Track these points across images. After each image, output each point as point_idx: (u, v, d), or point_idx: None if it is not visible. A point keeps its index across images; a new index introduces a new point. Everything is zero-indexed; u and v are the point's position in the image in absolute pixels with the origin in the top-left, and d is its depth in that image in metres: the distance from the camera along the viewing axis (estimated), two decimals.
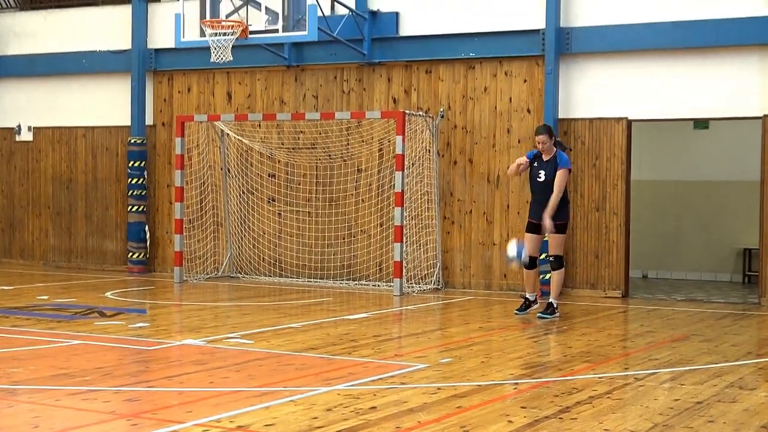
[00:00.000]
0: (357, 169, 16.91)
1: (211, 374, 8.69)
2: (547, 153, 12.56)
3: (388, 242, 16.28)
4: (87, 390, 7.86)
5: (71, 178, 19.69)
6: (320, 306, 13.94)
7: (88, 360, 9.30)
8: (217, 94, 18.21)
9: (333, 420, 6.88)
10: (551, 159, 12.51)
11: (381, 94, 16.90)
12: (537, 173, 12.57)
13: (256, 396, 7.69)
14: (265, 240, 17.54)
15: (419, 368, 9.00)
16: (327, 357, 9.58)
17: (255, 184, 17.65)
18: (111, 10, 19.32)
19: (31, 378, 8.33)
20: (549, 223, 12.31)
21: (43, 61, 19.81)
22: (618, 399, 7.78)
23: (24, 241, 20.25)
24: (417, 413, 7.14)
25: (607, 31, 15.38)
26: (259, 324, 11.82)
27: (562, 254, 12.73)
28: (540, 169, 12.54)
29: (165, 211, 18.54)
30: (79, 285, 16.19)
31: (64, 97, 19.77)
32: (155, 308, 13.57)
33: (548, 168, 12.46)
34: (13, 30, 20.26)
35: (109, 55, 19.15)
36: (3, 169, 20.43)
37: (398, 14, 16.73)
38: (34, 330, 11.09)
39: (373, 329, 11.67)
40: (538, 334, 11.70)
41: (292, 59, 17.33)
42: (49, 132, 19.95)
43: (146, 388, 8.14)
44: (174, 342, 10.46)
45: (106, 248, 19.30)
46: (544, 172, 12.48)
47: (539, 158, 12.61)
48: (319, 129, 17.01)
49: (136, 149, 18.56)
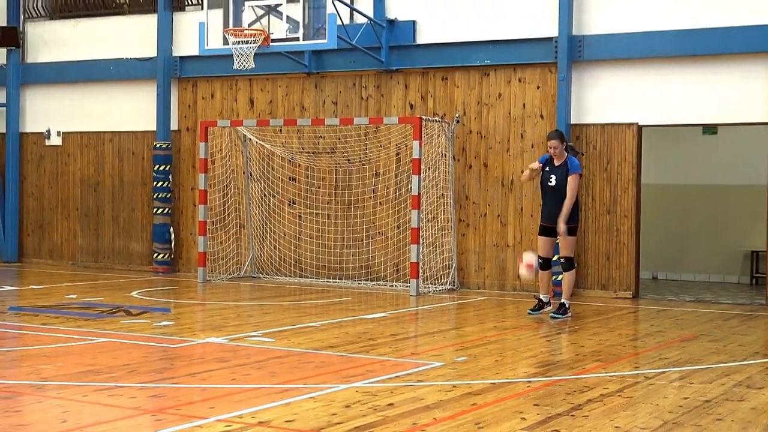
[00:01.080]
0: (375, 173, 16.90)
1: (234, 371, 8.69)
2: (558, 158, 12.52)
3: (405, 244, 16.26)
4: (113, 386, 7.87)
5: (99, 182, 19.74)
6: (339, 305, 13.93)
7: (114, 357, 9.31)
8: (239, 100, 18.23)
9: (351, 416, 6.87)
10: (562, 164, 12.47)
11: (398, 100, 16.89)
12: (548, 178, 12.52)
13: (277, 393, 7.69)
14: (286, 241, 17.55)
15: (435, 366, 8.98)
16: (345, 355, 9.57)
17: (276, 188, 17.66)
18: (137, 19, 19.37)
19: (59, 374, 8.35)
20: (563, 227, 12.27)
21: (72, 69, 19.88)
22: (629, 397, 7.75)
23: (53, 242, 20.32)
24: (433, 410, 7.13)
25: (618, 39, 15.33)
26: (280, 323, 11.83)
27: (573, 256, 12.68)
28: (551, 173, 12.50)
29: (189, 214, 18.58)
30: (106, 285, 16.23)
31: (91, 103, 19.83)
32: (179, 307, 13.57)
33: (559, 173, 12.42)
34: (42, 38, 20.34)
35: (135, 62, 19.20)
36: (33, 172, 20.50)
37: (415, 23, 16.72)
38: (63, 328, 11.12)
39: (391, 328, 11.64)
40: (550, 333, 11.66)
41: (312, 66, 17.34)
42: (77, 137, 20.01)
43: (170, 384, 8.15)
44: (197, 340, 10.47)
45: (132, 249, 19.34)
46: (555, 177, 12.43)
47: (551, 163, 12.57)
48: (338, 134, 17.01)
49: (161, 153, 18.59)
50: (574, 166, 12.47)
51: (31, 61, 20.42)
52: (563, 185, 12.36)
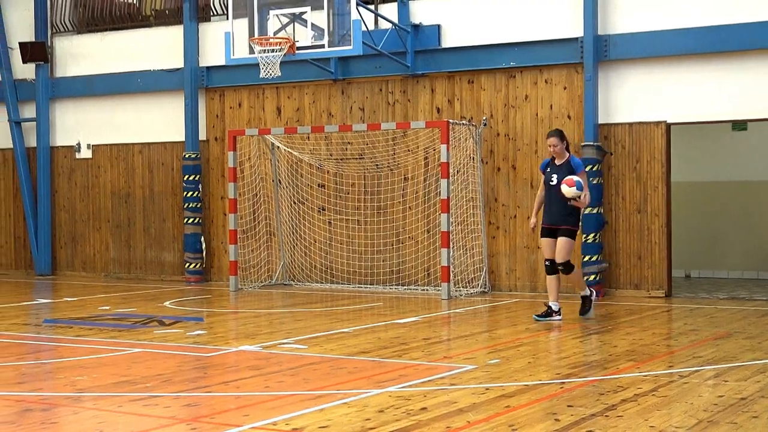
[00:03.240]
0: (404, 178, 16.92)
1: (267, 379, 8.72)
2: (559, 157, 12.32)
3: (435, 248, 16.26)
4: (148, 396, 7.92)
5: (129, 193, 19.87)
6: (371, 311, 13.94)
7: (148, 367, 9.37)
8: (267, 108, 18.30)
9: (385, 421, 6.89)
10: (564, 163, 12.25)
11: (425, 104, 16.90)
12: (550, 178, 12.28)
13: (311, 399, 7.71)
14: (316, 248, 17.59)
15: (468, 369, 8.98)
16: (378, 360, 9.59)
17: (305, 195, 17.70)
18: (164, 30, 19.47)
19: (94, 385, 8.42)
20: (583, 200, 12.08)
21: (100, 82, 20.02)
22: (663, 396, 7.72)
23: (86, 254, 20.45)
24: (466, 413, 7.13)
25: (644, 38, 15.28)
26: (312, 329, 11.85)
27: (570, 259, 12.31)
28: (553, 173, 12.27)
29: (219, 223, 18.65)
30: (138, 295, 16.32)
31: (120, 115, 19.95)
32: (212, 316, 13.63)
33: (561, 172, 12.17)
34: (70, 52, 20.49)
35: (162, 73, 19.31)
36: (64, 185, 20.65)
37: (440, 27, 16.73)
38: (97, 339, 11.21)
39: (423, 332, 11.65)
40: (583, 334, 11.63)
41: (339, 73, 17.38)
42: (107, 149, 20.14)
43: (205, 393, 8.20)
44: (231, 348, 10.52)
45: (164, 259, 19.45)
46: (557, 176, 12.17)
47: (552, 164, 12.38)
48: (366, 140, 17.04)
49: (190, 164, 18.68)
50: (577, 164, 12.26)
51: (59, 75, 20.58)
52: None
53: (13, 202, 21.26)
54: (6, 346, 10.98)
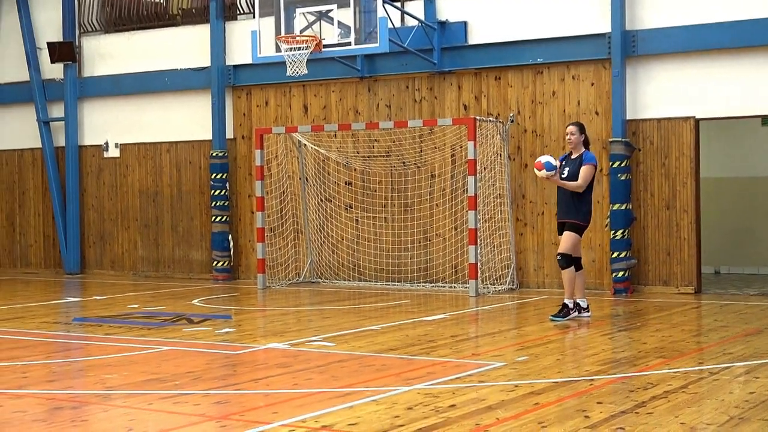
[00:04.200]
0: (431, 175, 16.90)
1: (296, 376, 8.74)
2: (575, 150, 12.12)
3: (462, 245, 16.24)
4: (178, 394, 7.95)
5: (157, 192, 19.96)
6: (398, 308, 13.95)
7: (177, 365, 9.41)
8: (293, 106, 18.33)
9: (414, 418, 6.88)
10: (577, 157, 12.06)
11: (452, 101, 16.88)
12: (562, 171, 12.09)
13: (340, 396, 7.72)
14: (344, 246, 17.61)
15: (496, 366, 8.96)
16: (406, 357, 9.59)
17: (332, 192, 17.73)
18: (190, 29, 19.54)
19: (124, 383, 8.46)
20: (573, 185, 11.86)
21: (128, 81, 20.12)
22: (693, 393, 7.69)
23: (114, 253, 20.56)
24: (495, 410, 7.12)
25: (671, 33, 15.20)
26: (340, 327, 11.86)
27: (572, 254, 12.05)
28: (566, 167, 12.09)
29: (247, 221, 18.71)
30: (167, 294, 16.39)
31: (148, 114, 20.04)
32: (240, 314, 13.68)
33: (573, 165, 12.02)
34: (98, 52, 20.60)
35: (189, 72, 19.38)
36: (93, 184, 20.77)
37: (466, 23, 16.70)
38: (126, 337, 11.27)
39: (451, 329, 11.64)
40: (612, 331, 11.59)
41: (365, 71, 17.39)
42: (135, 148, 20.23)
43: (234, 390, 8.22)
44: (259, 346, 10.55)
45: (192, 258, 19.52)
46: (568, 169, 12.02)
47: (567, 158, 12.22)
48: (392, 137, 17.04)
49: (218, 162, 18.75)
50: (589, 158, 12.05)
51: (87, 75, 20.69)
52: (575, 177, 11.92)
53: (42, 202, 21.40)
54: (36, 344, 11.06)
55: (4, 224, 21.96)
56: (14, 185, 21.83)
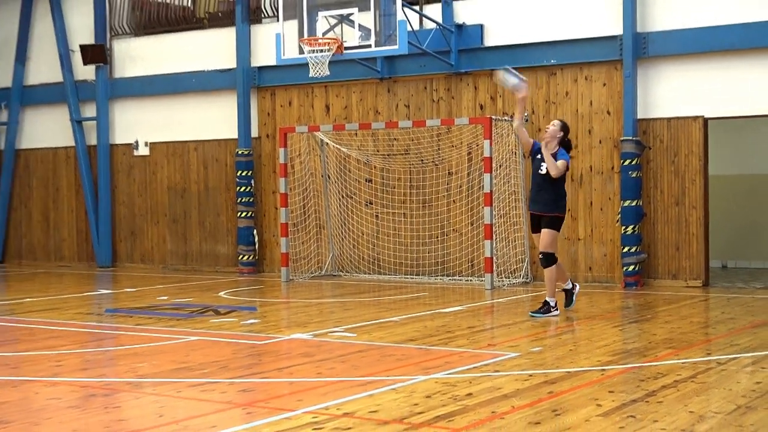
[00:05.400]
0: (448, 172, 16.90)
1: (318, 365, 8.76)
2: (550, 144, 11.67)
3: (478, 240, 16.23)
4: (205, 382, 7.99)
5: (185, 188, 20.01)
6: (417, 300, 13.95)
7: (205, 354, 9.45)
8: (316, 106, 18.35)
9: (432, 406, 6.90)
10: (553, 155, 11.65)
11: (468, 101, 16.86)
12: (539, 165, 11.73)
13: (361, 385, 7.74)
14: (364, 240, 17.63)
15: (511, 357, 8.97)
16: (425, 347, 9.60)
17: (353, 189, 17.74)
18: (217, 32, 19.57)
19: (154, 372, 8.51)
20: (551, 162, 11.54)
21: (157, 82, 20.18)
22: (702, 383, 7.67)
23: (144, 248, 20.64)
24: (511, 399, 7.12)
25: (681, 35, 15.15)
26: (361, 318, 11.88)
27: (554, 251, 11.74)
28: (542, 161, 11.71)
29: (271, 216, 18.74)
30: (194, 286, 16.44)
31: (176, 113, 20.09)
32: (265, 306, 13.71)
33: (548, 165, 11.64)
34: (129, 54, 20.67)
35: (216, 74, 19.42)
36: (123, 181, 20.84)
37: (483, 26, 16.68)
38: (156, 328, 11.32)
39: (467, 321, 11.64)
40: (623, 323, 11.58)
41: (385, 72, 17.40)
42: (163, 146, 20.30)
43: (259, 379, 8.25)
44: (283, 336, 10.58)
45: (219, 252, 19.58)
46: (546, 165, 11.67)
47: (542, 152, 11.71)
48: (411, 136, 17.04)
49: (243, 160, 18.80)
50: (564, 155, 11.65)
51: (118, 76, 20.76)
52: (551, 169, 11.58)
53: (76, 198, 21.50)
54: (70, 334, 11.12)
55: (39, 220, 22.08)
56: (49, 182, 21.94)
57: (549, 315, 11.69)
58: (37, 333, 11.22)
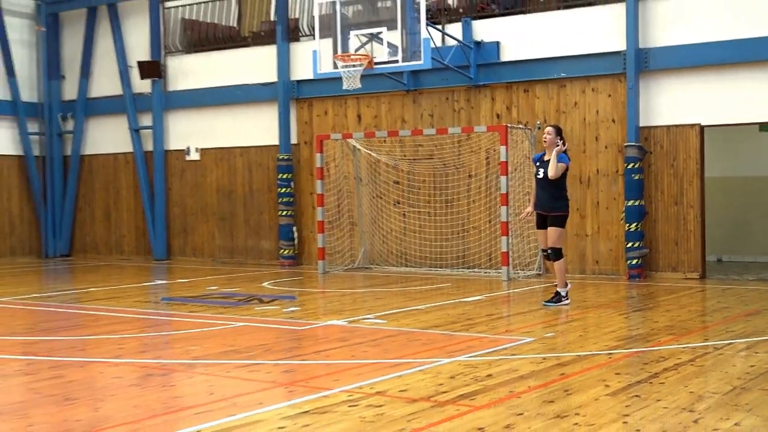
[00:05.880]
0: (468, 175, 16.85)
1: (353, 349, 8.76)
2: (549, 149, 11.55)
3: (496, 236, 16.18)
4: (251, 363, 8.00)
5: (231, 190, 20.06)
6: (440, 291, 13.91)
7: (251, 338, 9.47)
8: (348, 116, 18.35)
9: (456, 386, 6.88)
10: (552, 159, 11.49)
11: (486, 111, 16.81)
12: (537, 171, 11.71)
13: (391, 366, 7.72)
14: (393, 236, 17.61)
15: (527, 342, 8.93)
16: (448, 333, 9.57)
17: (382, 190, 17.73)
18: (259, 49, 19.59)
19: (205, 354, 8.53)
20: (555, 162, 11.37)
21: (206, 94, 20.24)
22: (700, 366, 7.61)
23: (195, 243, 20.71)
24: (527, 380, 7.09)
25: (679, 50, 15.03)
26: (390, 306, 11.87)
27: (561, 247, 11.61)
28: (541, 167, 11.64)
29: (309, 215, 18.75)
30: (240, 277, 16.47)
31: (223, 123, 20.14)
32: (304, 295, 13.72)
33: (547, 166, 11.54)
34: (181, 69, 20.74)
35: (259, 87, 19.46)
36: (177, 183, 20.92)
37: (499, 43, 16.62)
38: (207, 314, 11.35)
39: (486, 309, 11.60)
40: (627, 311, 11.51)
41: (411, 84, 17.37)
42: (212, 152, 20.35)
43: (299, 361, 8.26)
44: (320, 323, 10.57)
45: (262, 246, 19.62)
46: (543, 170, 11.57)
47: (541, 159, 11.72)
48: (434, 142, 17.00)
49: (283, 164, 18.82)
50: (563, 158, 11.52)
51: (171, 89, 20.85)
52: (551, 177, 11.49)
53: (134, 198, 21.60)
54: (130, 320, 11.18)
55: (102, 218, 22.20)
56: (110, 184, 22.06)
57: (560, 304, 11.62)
58: (101, 319, 11.29)
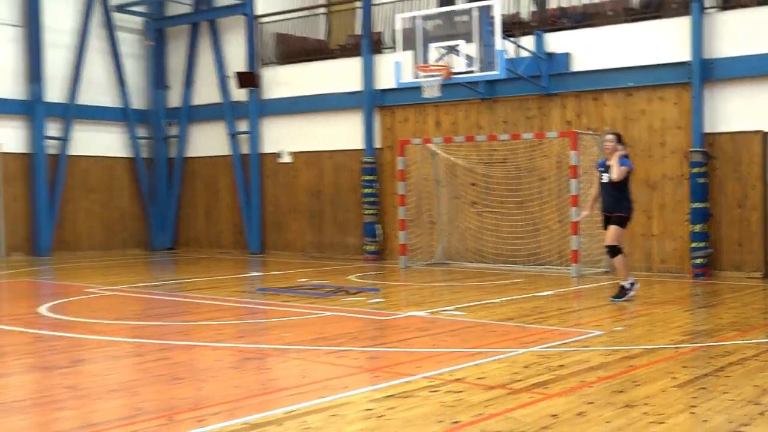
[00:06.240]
0: (540, 178, 16.67)
1: (433, 338, 8.72)
2: (610, 157, 11.36)
3: (566, 235, 15.96)
4: (340, 350, 8.03)
5: (320, 190, 20.19)
6: (514, 285, 13.78)
7: (339, 327, 9.50)
8: (428, 122, 18.30)
9: (530, 375, 6.81)
10: (614, 164, 11.31)
11: (557, 118, 16.60)
12: (601, 176, 11.47)
13: (469, 355, 7.68)
14: (469, 234, 17.51)
15: (596, 335, 8.79)
16: (522, 325, 9.48)
17: (460, 192, 17.64)
18: (346, 61, 19.65)
19: (298, 340, 8.59)
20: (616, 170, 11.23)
21: (297, 102, 20.39)
22: (765, 360, 7.39)
23: (287, 238, 20.89)
24: (596, 371, 6.98)
25: (743, 61, 14.62)
26: (467, 299, 11.79)
27: (617, 244, 11.28)
28: (604, 172, 11.41)
29: (391, 213, 18.74)
30: (328, 271, 16.55)
31: (312, 128, 20.27)
32: (387, 288, 13.71)
33: (611, 171, 11.32)
34: (274, 80, 20.94)
35: (345, 95, 19.53)
36: (270, 184, 21.13)
37: (569, 54, 16.40)
38: (298, 304, 11.43)
39: (557, 304, 11.45)
40: (693, 307, 11.25)
41: (486, 93, 17.25)
42: (303, 155, 20.50)
43: (384, 348, 8.27)
44: (402, 313, 10.55)
45: (348, 243, 19.69)
46: (607, 175, 11.34)
47: (605, 165, 11.45)
48: (508, 147, 16.86)
49: (368, 167, 18.87)
50: (624, 162, 11.27)
51: (266, 98, 21.05)
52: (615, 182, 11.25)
53: (232, 197, 21.89)
54: (229, 308, 11.32)
55: (202, 214, 22.55)
56: (210, 184, 22.39)
57: (625, 298, 11.39)
58: (202, 307, 11.46)
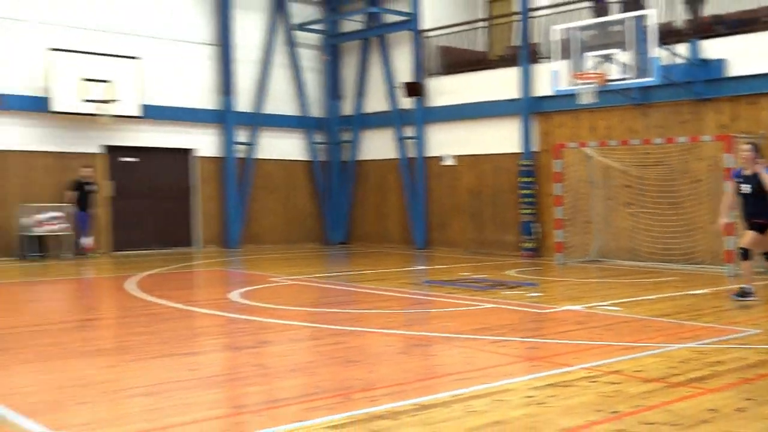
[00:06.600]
0: (694, 180, 15.94)
1: (590, 332, 8.50)
2: (747, 165, 10.59)
3: (719, 235, 15.16)
4: (500, 340, 7.96)
5: (480, 191, 20.08)
6: (668, 283, 13.23)
7: (499, 318, 9.42)
8: (583, 127, 17.86)
9: (687, 370, 6.51)
10: (753, 174, 10.48)
11: (711, 122, 15.82)
12: (739, 187, 10.66)
13: (625, 349, 7.44)
14: (623, 233, 16.97)
15: (754, 333, 8.30)
16: (677, 322, 9.08)
17: (614, 193, 17.12)
18: (504, 71, 19.45)
19: (461, 330, 8.57)
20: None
21: (459, 109, 20.36)
22: None
23: (450, 236, 20.91)
24: (756, 368, 6.59)
25: None
26: (622, 295, 11.43)
27: (748, 248, 10.55)
28: (743, 183, 10.61)
29: (548, 213, 18.41)
30: (488, 266, 16.42)
31: (474, 133, 20.19)
32: (544, 283, 13.48)
33: (752, 181, 10.49)
34: (438, 89, 21.00)
35: (504, 102, 19.34)
36: (435, 185, 21.20)
37: (724, 60, 15.59)
38: (461, 296, 11.40)
39: (712, 302, 10.89)
40: None
41: (640, 99, 16.65)
42: (465, 159, 20.46)
43: (542, 340, 8.13)
44: (559, 307, 10.35)
45: (506, 240, 19.50)
46: (750, 186, 10.50)
47: (740, 174, 10.70)
48: (662, 150, 16.20)
49: (525, 169, 18.61)
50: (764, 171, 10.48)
51: (431, 106, 21.13)
52: (757, 188, 10.43)
53: (399, 197, 22.10)
54: (397, 299, 11.43)
55: (372, 212, 22.89)
56: (379, 185, 22.69)
57: (743, 299, 10.58)
58: (372, 296, 11.63)
